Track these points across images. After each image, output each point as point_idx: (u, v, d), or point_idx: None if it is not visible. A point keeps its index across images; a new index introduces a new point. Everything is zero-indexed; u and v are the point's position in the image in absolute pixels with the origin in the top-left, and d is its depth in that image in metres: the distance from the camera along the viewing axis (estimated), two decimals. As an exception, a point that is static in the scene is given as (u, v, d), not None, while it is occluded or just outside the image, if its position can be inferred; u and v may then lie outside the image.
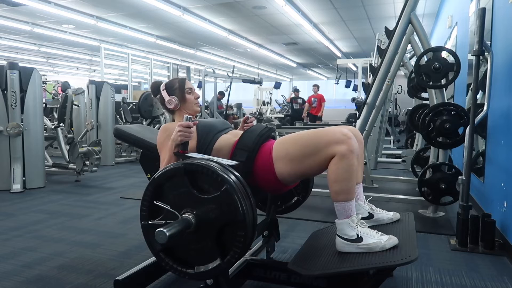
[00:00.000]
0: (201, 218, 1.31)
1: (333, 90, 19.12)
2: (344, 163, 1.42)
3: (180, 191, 1.35)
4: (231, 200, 1.26)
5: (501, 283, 1.89)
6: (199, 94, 1.87)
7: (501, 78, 2.52)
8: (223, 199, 1.28)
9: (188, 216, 1.30)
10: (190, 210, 1.32)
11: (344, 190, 1.45)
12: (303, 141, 1.51)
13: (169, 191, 1.37)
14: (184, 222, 1.28)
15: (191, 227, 1.29)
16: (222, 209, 1.29)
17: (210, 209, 1.30)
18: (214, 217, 1.30)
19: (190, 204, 1.32)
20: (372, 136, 4.88)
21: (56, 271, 1.98)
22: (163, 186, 1.37)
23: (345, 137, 1.42)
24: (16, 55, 13.45)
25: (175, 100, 1.76)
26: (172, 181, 1.36)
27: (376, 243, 1.41)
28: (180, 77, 1.88)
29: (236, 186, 1.28)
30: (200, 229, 1.31)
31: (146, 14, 7.95)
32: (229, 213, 1.27)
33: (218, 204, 1.29)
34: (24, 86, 3.99)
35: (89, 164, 4.30)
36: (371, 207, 1.73)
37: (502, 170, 2.43)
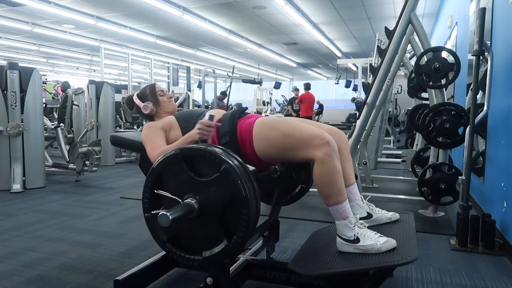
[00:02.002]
0: (203, 202, 1.31)
1: (333, 90, 19.14)
2: (325, 168, 1.43)
3: (180, 178, 1.34)
4: (231, 179, 1.26)
5: (501, 283, 1.89)
6: (171, 94, 1.93)
7: (501, 78, 2.52)
8: (223, 179, 1.28)
9: (191, 201, 1.30)
10: (192, 195, 1.32)
11: (333, 193, 1.46)
12: (283, 132, 1.51)
13: (169, 179, 1.37)
14: (187, 207, 1.28)
15: (194, 211, 1.29)
16: (223, 189, 1.28)
17: (211, 192, 1.30)
18: (216, 199, 1.30)
19: (191, 189, 1.32)
20: (372, 136, 4.88)
21: (56, 271, 1.98)
22: (163, 175, 1.37)
23: (322, 141, 1.43)
24: (16, 55, 13.45)
25: (150, 105, 1.82)
26: (171, 168, 1.36)
27: (372, 245, 1.42)
28: (150, 83, 1.94)
29: (235, 165, 1.28)
30: (204, 213, 1.31)
31: (146, 14, 7.95)
32: (231, 192, 1.27)
33: (219, 185, 1.29)
34: (24, 86, 3.99)
35: (89, 164, 4.30)
36: (370, 207, 1.73)
37: (502, 170, 2.43)
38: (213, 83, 8.02)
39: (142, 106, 1.83)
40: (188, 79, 12.75)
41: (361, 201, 1.70)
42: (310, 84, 9.63)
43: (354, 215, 1.51)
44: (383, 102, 4.51)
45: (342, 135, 1.69)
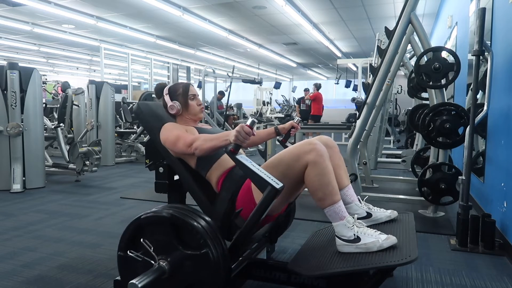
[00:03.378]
0: (175, 269, 1.37)
1: (333, 90, 19.13)
2: (318, 169, 1.45)
3: (161, 238, 1.40)
4: (207, 265, 1.33)
5: (501, 283, 1.89)
6: (202, 102, 1.87)
7: (501, 78, 2.52)
8: (200, 260, 1.35)
9: (162, 264, 1.36)
10: (164, 257, 1.38)
11: (327, 194, 1.46)
12: (276, 164, 1.53)
13: (151, 234, 1.43)
14: (158, 270, 1.34)
15: (165, 273, 1.36)
16: (197, 268, 1.35)
17: (186, 264, 1.37)
18: (188, 273, 1.36)
19: (167, 252, 1.38)
20: (372, 136, 4.88)
21: (56, 271, 1.98)
22: (146, 228, 1.44)
23: (311, 146, 1.47)
24: (16, 55, 13.45)
25: (177, 105, 1.77)
26: (156, 226, 1.42)
27: (374, 242, 1.42)
28: (185, 82, 1.88)
29: (217, 253, 1.34)
30: (173, 277, 1.38)
31: (146, 14, 7.95)
32: (203, 275, 1.34)
33: (195, 263, 1.36)
34: (24, 86, 3.99)
35: (89, 164, 4.30)
36: (368, 207, 1.73)
37: (502, 170, 2.43)
38: (213, 83, 8.01)
39: (169, 105, 1.77)
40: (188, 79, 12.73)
41: (358, 201, 1.70)
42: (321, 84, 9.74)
43: (352, 215, 1.52)
44: (383, 102, 4.51)
45: (328, 140, 1.71)
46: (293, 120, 1.94)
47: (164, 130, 1.67)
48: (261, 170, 1.39)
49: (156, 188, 1.80)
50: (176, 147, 1.60)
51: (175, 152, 1.66)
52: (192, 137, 1.56)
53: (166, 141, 1.65)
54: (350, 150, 3.10)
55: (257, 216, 1.41)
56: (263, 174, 1.37)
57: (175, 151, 1.65)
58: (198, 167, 1.67)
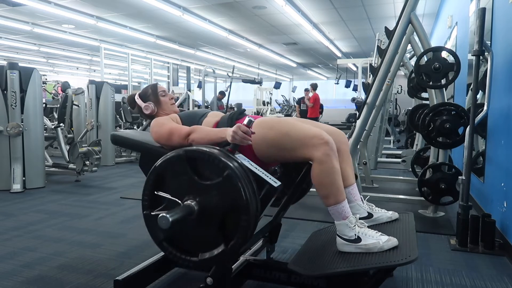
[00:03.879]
0: (203, 205, 1.30)
1: (333, 90, 19.14)
2: (324, 167, 1.43)
3: (182, 179, 1.34)
4: (233, 185, 1.26)
5: (501, 283, 1.89)
6: (173, 95, 1.91)
7: (501, 78, 2.52)
8: (225, 185, 1.27)
9: (191, 203, 1.30)
10: (192, 197, 1.31)
11: (332, 193, 1.45)
12: (282, 132, 1.50)
13: (171, 179, 1.36)
14: (187, 209, 1.28)
15: (194, 213, 1.29)
16: (225, 195, 1.28)
17: (212, 196, 1.30)
18: (217, 204, 1.29)
19: (192, 191, 1.32)
20: (372, 136, 4.88)
21: (56, 271, 1.98)
22: (165, 174, 1.37)
23: (321, 141, 1.43)
24: (16, 55, 13.45)
25: (151, 105, 1.80)
26: (174, 168, 1.35)
27: (375, 244, 1.42)
28: (152, 83, 1.92)
29: (239, 171, 1.27)
30: (203, 215, 1.31)
31: (146, 14, 7.95)
32: (232, 199, 1.26)
33: (221, 190, 1.28)
34: (24, 86, 3.99)
35: (89, 164, 4.30)
36: (370, 207, 1.73)
37: (502, 170, 2.43)
38: (213, 83, 8.01)
39: (143, 106, 1.81)
40: (188, 79, 12.75)
41: (361, 201, 1.70)
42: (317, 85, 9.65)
43: (354, 215, 1.51)
44: (383, 102, 4.51)
45: (341, 135, 1.69)
46: None
47: (154, 128, 1.65)
48: (258, 169, 1.38)
49: None
50: (171, 142, 1.58)
51: (171, 146, 1.63)
52: (187, 129, 1.55)
53: (159, 139, 1.63)
54: (350, 150, 3.07)
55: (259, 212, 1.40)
56: (261, 173, 1.37)
57: (171, 146, 1.62)
58: None
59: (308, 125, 1.54)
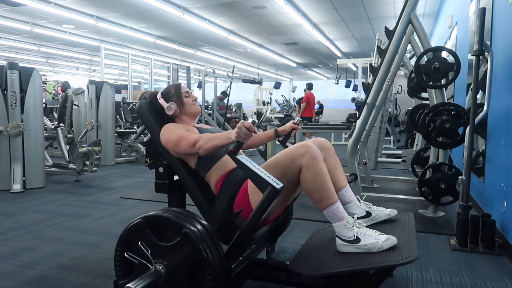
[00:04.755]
0: (170, 266, 1.37)
1: (333, 90, 19.14)
2: (312, 171, 1.45)
3: (146, 243, 1.41)
4: (192, 242, 1.34)
5: (501, 283, 1.89)
6: (196, 96, 1.90)
7: (501, 78, 2.52)
8: (185, 242, 1.35)
9: (159, 267, 1.36)
10: (160, 260, 1.38)
11: (323, 196, 1.47)
12: (273, 165, 1.53)
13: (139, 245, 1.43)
14: (154, 274, 1.34)
15: (162, 277, 1.35)
16: (187, 252, 1.36)
17: (176, 255, 1.37)
18: (181, 262, 1.37)
19: (158, 254, 1.39)
20: (372, 136, 4.88)
21: (56, 271, 1.98)
22: (131, 241, 1.44)
23: (304, 148, 1.47)
24: (16, 55, 13.45)
25: (174, 106, 1.78)
26: (138, 235, 1.43)
27: (374, 244, 1.42)
28: (176, 83, 1.90)
29: (196, 228, 1.35)
30: (173, 276, 1.38)
31: (146, 14, 7.95)
32: (194, 254, 1.35)
33: (182, 248, 1.36)
34: (24, 86, 3.99)
35: (89, 164, 4.30)
36: (368, 206, 1.73)
37: (502, 170, 2.43)
38: (213, 83, 8.02)
39: (166, 106, 1.77)
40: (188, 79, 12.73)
41: (357, 201, 1.71)
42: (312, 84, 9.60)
43: (352, 215, 1.52)
44: (383, 102, 4.51)
45: (324, 142, 1.72)
46: (294, 120, 1.95)
47: (165, 131, 1.66)
48: (261, 170, 1.39)
49: (156, 188, 1.79)
50: (179, 148, 1.60)
51: (177, 153, 1.65)
52: (195, 137, 1.55)
53: (167, 143, 1.64)
54: (350, 150, 3.09)
55: (257, 217, 1.41)
56: (263, 174, 1.37)
57: (178, 152, 1.64)
58: (198, 168, 1.67)
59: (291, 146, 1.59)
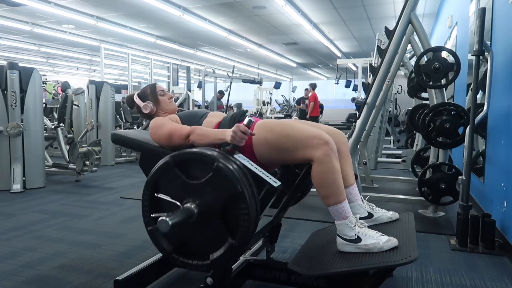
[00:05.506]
0: (202, 205, 1.31)
1: (333, 90, 19.13)
2: (324, 167, 1.43)
3: (176, 183, 1.36)
4: (225, 175, 1.28)
5: (501, 283, 1.89)
6: (171, 94, 1.92)
7: (501, 78, 2.52)
8: (217, 177, 1.29)
9: (190, 206, 1.31)
10: (190, 199, 1.33)
11: (332, 193, 1.46)
12: (282, 134, 1.51)
13: (166, 185, 1.38)
14: (186, 212, 1.29)
15: (193, 216, 1.30)
16: (219, 187, 1.30)
17: (208, 192, 1.31)
18: (214, 198, 1.31)
19: (189, 193, 1.34)
20: (372, 136, 4.88)
21: (56, 271, 1.98)
22: (159, 181, 1.39)
23: (321, 141, 1.44)
24: (16, 55, 13.45)
25: (150, 104, 1.81)
26: (166, 175, 1.38)
27: (375, 244, 1.42)
28: (151, 83, 1.92)
29: (227, 162, 1.29)
30: (205, 215, 1.32)
31: (146, 14, 7.95)
32: (227, 188, 1.28)
33: (214, 184, 1.30)
34: (24, 86, 3.99)
35: (89, 164, 4.30)
36: (371, 207, 1.73)
37: (502, 170, 2.43)
38: (213, 83, 8.01)
39: (142, 105, 1.81)
40: (188, 79, 12.74)
41: (361, 201, 1.70)
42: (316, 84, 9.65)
43: (354, 215, 1.51)
44: (383, 102, 4.51)
45: (341, 135, 1.69)
46: None
47: (153, 129, 1.65)
48: (258, 169, 1.39)
49: None
50: (172, 142, 1.59)
51: (172, 146, 1.64)
52: (187, 130, 1.55)
53: (160, 140, 1.63)
54: (350, 150, 3.05)
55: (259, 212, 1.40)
56: (261, 173, 1.37)
57: (172, 146, 1.63)
58: None
59: (307, 126, 1.55)
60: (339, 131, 1.72)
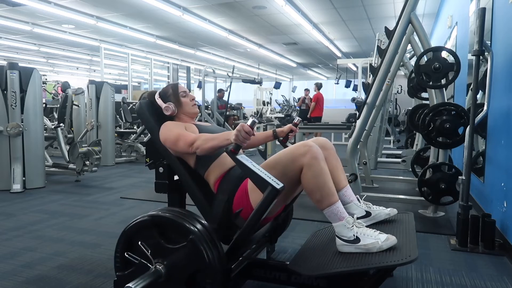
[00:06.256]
0: (171, 268, 1.38)
1: (333, 90, 19.13)
2: (313, 171, 1.45)
3: (150, 242, 1.41)
4: (197, 249, 1.34)
5: (501, 283, 1.89)
6: (194, 96, 1.88)
7: (501, 78, 2.52)
8: (190, 248, 1.35)
9: (159, 267, 1.37)
10: (161, 260, 1.38)
11: (325, 195, 1.47)
12: (273, 165, 1.52)
13: (141, 243, 1.43)
14: (155, 274, 1.35)
15: (162, 277, 1.36)
16: (190, 258, 1.36)
17: (179, 259, 1.38)
18: (183, 266, 1.37)
19: (160, 255, 1.39)
20: (372, 136, 4.88)
21: (56, 271, 1.98)
22: (134, 238, 1.44)
23: (305, 147, 1.47)
24: (16, 55, 13.45)
25: (172, 106, 1.78)
26: (142, 233, 1.43)
27: (374, 244, 1.42)
28: (173, 83, 1.89)
29: (202, 235, 1.35)
30: (171, 278, 1.38)
31: (146, 14, 7.95)
32: (197, 261, 1.35)
33: (186, 254, 1.37)
34: (24, 86, 3.99)
35: (89, 164, 4.30)
36: (368, 205, 1.73)
37: (502, 170, 2.43)
38: (213, 83, 8.01)
39: (164, 106, 1.77)
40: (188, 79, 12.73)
41: (357, 200, 1.71)
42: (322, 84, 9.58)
43: (352, 215, 1.52)
44: (383, 102, 4.51)
45: (325, 141, 1.71)
46: (294, 120, 1.95)
47: (164, 129, 1.66)
48: (261, 170, 1.39)
49: (156, 188, 1.79)
50: (176, 147, 1.60)
51: (175, 151, 1.65)
52: (193, 136, 1.55)
53: (166, 141, 1.64)
54: (350, 150, 3.10)
55: (257, 217, 1.41)
56: (263, 174, 1.37)
57: (176, 151, 1.64)
58: (197, 166, 1.67)
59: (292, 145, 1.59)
60: (323, 138, 1.75)
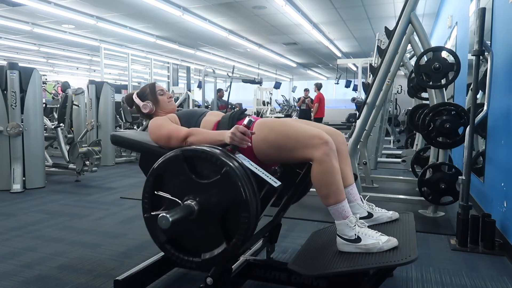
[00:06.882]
0: (203, 204, 1.30)
1: (333, 90, 19.13)
2: (324, 167, 1.43)
3: (181, 179, 1.34)
4: (232, 182, 1.26)
5: (501, 283, 1.89)
6: (170, 94, 1.92)
7: (501, 78, 2.52)
8: (224, 182, 1.27)
9: (191, 203, 1.30)
10: (192, 196, 1.31)
11: (332, 192, 1.46)
12: (282, 134, 1.51)
13: (170, 180, 1.36)
14: (187, 209, 1.28)
15: (194, 213, 1.29)
16: (224, 192, 1.28)
17: (212, 194, 1.30)
18: (217, 201, 1.29)
19: (191, 191, 1.32)
20: (372, 136, 4.88)
21: (56, 271, 1.98)
22: (163, 175, 1.37)
23: (321, 141, 1.44)
24: (16, 55, 13.45)
25: (150, 104, 1.80)
26: (172, 169, 1.35)
27: (374, 244, 1.42)
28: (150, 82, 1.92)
29: (236, 167, 1.27)
30: (203, 215, 1.31)
31: (146, 14, 7.95)
32: (231, 195, 1.26)
33: (220, 188, 1.29)
34: (24, 86, 3.99)
35: (89, 164, 4.30)
36: (370, 206, 1.73)
37: (502, 170, 2.43)
38: (213, 83, 8.02)
39: (141, 105, 1.81)
40: (188, 79, 12.75)
41: (361, 200, 1.70)
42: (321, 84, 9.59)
43: (354, 215, 1.51)
44: (383, 102, 4.51)
45: (340, 136, 1.70)
46: None
47: (153, 129, 1.65)
48: (258, 169, 1.38)
49: None
50: (170, 144, 1.60)
51: (169, 148, 1.65)
52: (185, 131, 1.56)
53: (158, 141, 1.64)
54: (350, 150, 3.09)
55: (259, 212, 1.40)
56: (261, 173, 1.37)
57: (170, 148, 1.64)
58: None
59: (307, 126, 1.55)
60: (338, 131, 1.72)
